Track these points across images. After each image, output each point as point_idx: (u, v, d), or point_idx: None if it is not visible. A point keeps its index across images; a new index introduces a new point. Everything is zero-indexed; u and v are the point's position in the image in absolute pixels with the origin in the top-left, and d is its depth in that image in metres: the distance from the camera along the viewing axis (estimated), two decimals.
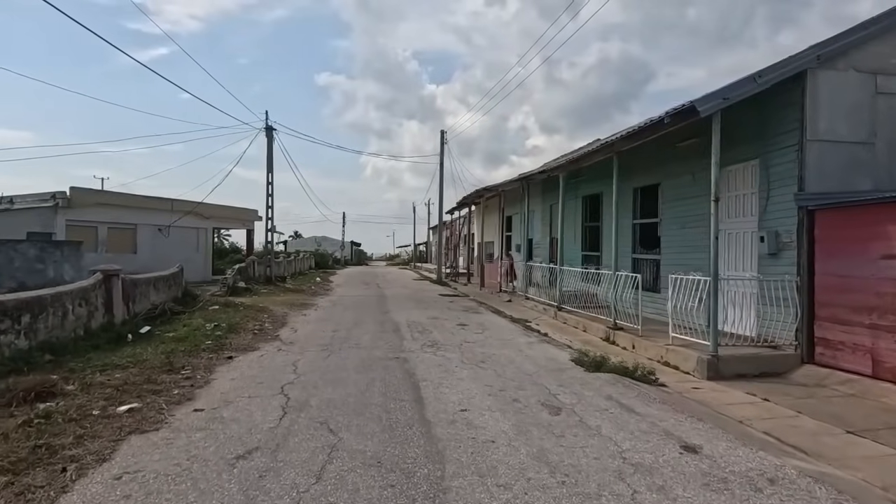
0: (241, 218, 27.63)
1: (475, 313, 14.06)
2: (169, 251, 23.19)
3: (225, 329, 10.08)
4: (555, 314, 13.72)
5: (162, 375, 6.64)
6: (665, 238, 11.89)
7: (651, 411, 5.39)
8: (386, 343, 9.12)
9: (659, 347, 8.90)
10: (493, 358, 7.94)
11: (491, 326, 11.52)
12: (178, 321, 10.81)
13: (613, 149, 10.63)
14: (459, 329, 10.95)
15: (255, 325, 10.94)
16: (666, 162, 11.78)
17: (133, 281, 10.53)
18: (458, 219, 36.43)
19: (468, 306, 15.79)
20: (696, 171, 10.71)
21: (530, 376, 6.82)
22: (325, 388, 6.07)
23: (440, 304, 16.42)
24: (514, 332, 10.77)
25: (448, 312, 14.02)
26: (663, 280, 11.86)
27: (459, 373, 6.92)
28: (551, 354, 8.40)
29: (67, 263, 14.02)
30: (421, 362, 7.55)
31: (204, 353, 8.08)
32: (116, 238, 21.67)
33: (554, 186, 18.38)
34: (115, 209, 21.33)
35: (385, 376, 6.65)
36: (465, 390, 6.06)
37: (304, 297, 17.65)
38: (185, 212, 22.80)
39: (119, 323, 9.47)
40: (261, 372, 6.96)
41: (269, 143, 20.59)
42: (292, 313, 13.40)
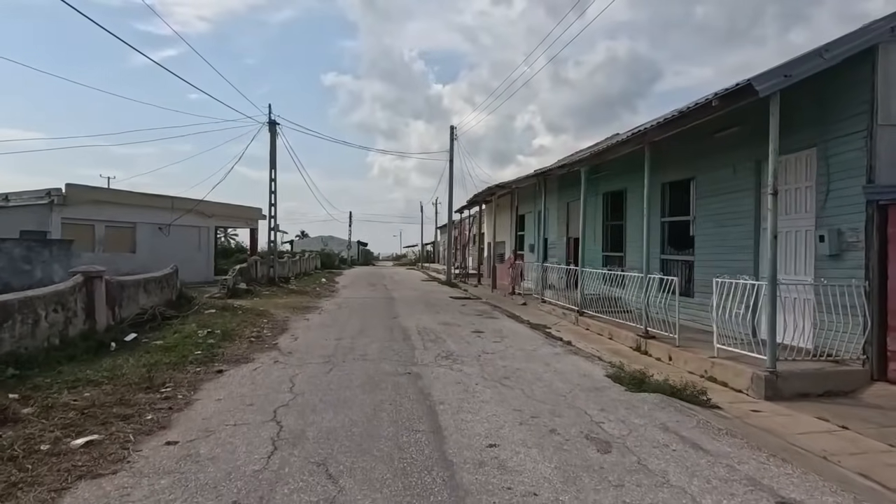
0: (244, 216, 26.82)
1: (490, 318, 13.09)
2: (169, 251, 22.39)
3: (219, 336, 9.18)
4: (576, 319, 12.74)
5: (138, 394, 5.74)
6: (700, 237, 10.87)
7: (722, 448, 4.41)
8: (395, 354, 8.18)
9: (701, 360, 7.91)
10: (518, 373, 6.98)
11: (510, 334, 10.55)
12: (169, 327, 9.94)
13: (646, 139, 9.63)
14: (475, 337, 9.99)
15: (252, 332, 10.04)
16: (700, 154, 10.76)
17: (120, 283, 9.66)
18: (467, 218, 35.47)
19: (482, 310, 14.83)
20: (737, 162, 9.71)
21: (564, 398, 5.85)
22: (326, 413, 5.14)
23: (452, 307, 15.47)
24: (535, 341, 9.79)
25: (461, 317, 13.06)
26: (697, 283, 10.85)
27: (482, 393, 5.96)
28: (583, 369, 7.42)
29: (57, 263, 13.20)
30: (436, 379, 6.60)
31: (191, 365, 7.18)
32: (114, 237, 20.90)
33: (571, 183, 17.38)
34: (114, 207, 20.55)
35: (396, 398, 5.71)
36: (491, 417, 5.10)
37: (308, 300, 16.76)
38: (185, 210, 22.00)
39: (102, 330, 8.59)
40: (252, 390, 6.04)
41: (272, 137, 19.74)
42: (294, 318, 12.49)
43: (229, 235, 56.59)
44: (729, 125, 9.53)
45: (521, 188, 19.97)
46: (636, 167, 13.61)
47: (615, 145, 10.81)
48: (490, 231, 26.97)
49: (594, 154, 11.91)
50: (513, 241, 25.00)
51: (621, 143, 10.47)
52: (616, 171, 14.30)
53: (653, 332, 9.61)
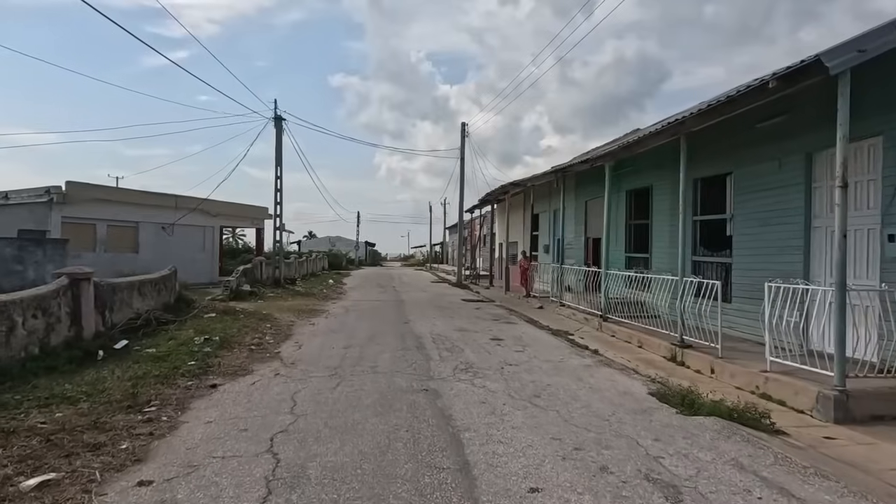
0: (250, 216, 26.18)
1: (508, 323, 12.28)
2: (173, 251, 21.80)
3: (216, 344, 8.44)
4: (599, 325, 11.90)
5: (117, 415, 5.00)
6: (739, 237, 9.99)
7: (818, 495, 3.57)
8: (409, 365, 7.39)
9: (751, 374, 7.05)
10: (549, 390, 6.16)
11: (531, 342, 9.73)
12: (164, 333, 9.22)
13: (682, 129, 8.77)
14: (495, 346, 9.18)
15: (253, 339, 9.29)
16: (739, 147, 9.89)
17: (111, 286, 8.96)
18: (477, 218, 34.64)
19: (497, 314, 14.01)
20: (784, 155, 8.82)
21: (608, 422, 5.03)
22: (331, 443, 4.35)
23: (465, 311, 14.67)
24: (561, 350, 8.97)
25: (477, 322, 12.26)
26: (735, 287, 9.95)
27: (511, 416, 5.15)
28: (621, 384, 6.59)
29: (51, 264, 12.55)
30: (457, 397, 5.80)
31: (183, 378, 6.43)
32: (117, 237, 20.31)
33: (590, 180, 16.51)
34: (116, 206, 19.95)
35: (412, 422, 4.91)
36: (527, 448, 4.29)
37: (315, 303, 16.03)
38: (189, 209, 21.37)
39: (89, 337, 7.88)
40: (248, 410, 5.27)
41: (277, 133, 19.06)
42: (299, 322, 11.75)
43: (237, 235, 56.15)
44: (774, 114, 8.67)
45: (536, 186, 19.14)
46: (664, 162, 12.77)
47: (646, 137, 9.96)
48: (503, 231, 26.14)
49: (622, 147, 11.06)
50: (526, 242, 24.16)
51: (654, 134, 9.62)
52: (641, 166, 13.43)
53: (689, 340, 8.77)
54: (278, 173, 19.09)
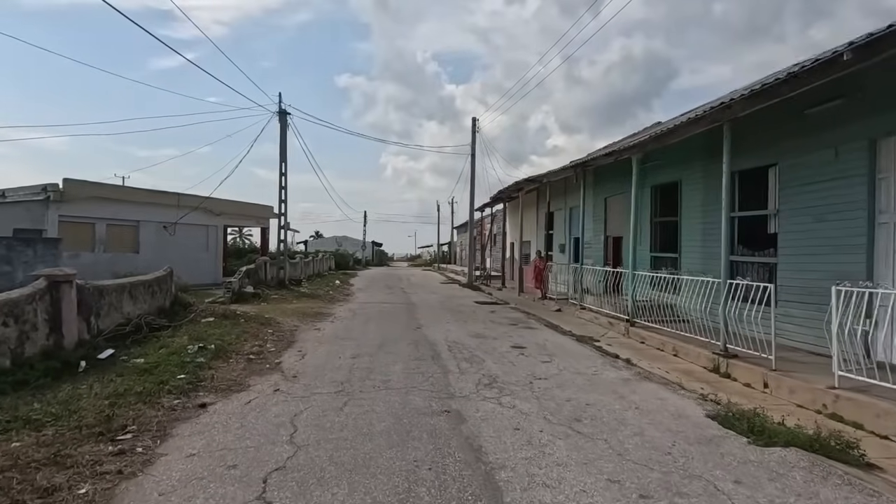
0: (254, 215, 25.44)
1: (527, 329, 11.41)
2: (175, 251, 21.11)
3: (211, 353, 7.65)
4: (626, 330, 11.02)
5: (84, 445, 4.21)
6: (785, 235, 9.08)
7: None
8: (425, 379, 6.55)
9: (815, 390, 6.17)
10: (590, 412, 5.30)
11: (557, 350, 8.86)
12: (156, 340, 8.44)
13: (730, 113, 7.87)
14: (518, 355, 8.32)
15: (252, 347, 8.50)
16: (785, 135, 8.99)
17: (98, 289, 8.19)
18: (487, 217, 33.76)
19: (515, 318, 13.15)
20: (842, 143, 7.91)
21: (671, 456, 4.17)
22: (338, 487, 3.53)
23: (480, 315, 13.82)
24: (591, 360, 8.10)
25: (494, 327, 11.40)
26: (781, 290, 9.01)
27: (553, 447, 4.31)
28: (671, 404, 5.72)
29: (42, 264, 11.83)
30: (485, 421, 4.95)
31: (169, 395, 5.63)
32: (116, 236, 19.62)
33: (611, 175, 15.61)
34: (115, 204, 19.26)
35: (436, 456, 4.07)
36: (580, 496, 3.44)
37: (320, 305, 15.23)
38: (191, 207, 20.66)
39: (71, 346, 7.11)
40: (239, 439, 4.46)
41: (282, 128, 18.28)
42: (303, 327, 10.94)
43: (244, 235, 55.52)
44: (827, 98, 7.78)
45: (551, 183, 18.25)
46: (694, 154, 11.86)
47: (684, 125, 9.05)
48: (515, 230, 25.27)
49: (653, 138, 10.15)
50: (540, 241, 23.26)
51: (692, 121, 8.71)
52: (668, 160, 12.54)
53: (733, 349, 7.89)
54: (283, 170, 18.33)
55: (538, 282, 17.49)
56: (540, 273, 17.47)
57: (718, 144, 10.57)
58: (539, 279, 17.48)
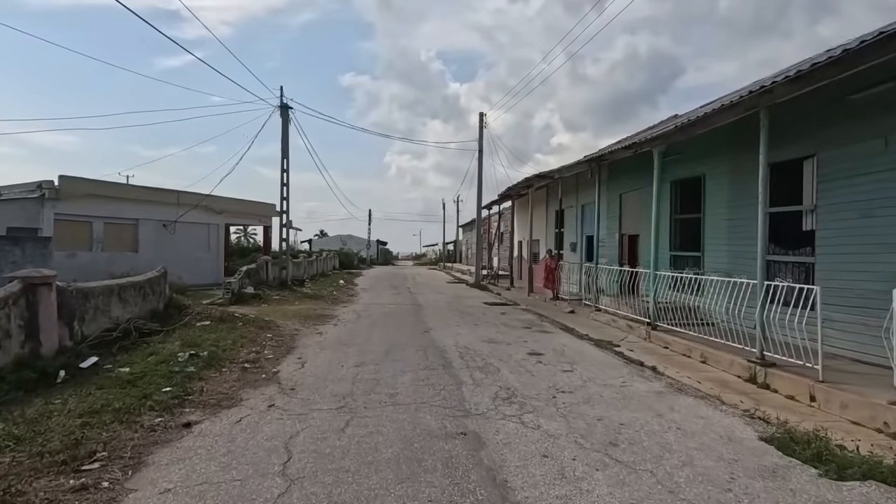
0: (256, 213, 24.87)
1: (542, 332, 10.75)
2: (175, 250, 20.60)
3: (203, 361, 7.04)
4: (647, 334, 10.34)
5: (42, 478, 3.62)
6: (825, 233, 8.37)
7: None
8: (436, 392, 5.91)
9: (874, 406, 5.48)
10: (626, 434, 4.64)
11: (577, 357, 8.20)
12: (146, 346, 7.85)
13: (770, 98, 7.16)
14: (536, 363, 7.66)
15: (249, 353, 7.89)
16: (825, 123, 8.29)
17: (83, 291, 7.59)
18: (494, 215, 33.08)
19: (527, 321, 12.49)
20: (892, 132, 7.20)
21: (732, 494, 3.51)
22: None
23: (490, 317, 13.16)
24: (616, 369, 7.43)
25: (506, 331, 10.74)
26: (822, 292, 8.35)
27: (590, 482, 3.65)
28: (717, 424, 5.04)
29: (31, 264, 11.30)
30: (507, 446, 4.30)
31: (150, 413, 5.02)
32: (114, 235, 19.08)
33: (626, 171, 14.91)
34: (113, 202, 18.72)
35: (454, 494, 3.43)
36: None
37: (323, 307, 14.62)
38: (192, 205, 20.10)
39: (50, 354, 6.52)
40: (224, 469, 3.83)
41: (283, 122, 17.67)
42: (304, 331, 10.33)
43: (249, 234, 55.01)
44: (874, 82, 7.09)
45: (562, 180, 17.55)
46: (719, 147, 11.16)
47: (715, 113, 8.33)
48: (524, 228, 24.60)
49: (678, 128, 9.45)
50: (549, 240, 22.57)
51: (724, 109, 8.00)
52: (690, 154, 11.83)
53: (770, 357, 7.20)
54: (285, 166, 17.71)
55: (550, 282, 16.82)
56: (552, 273, 16.79)
57: (748, 135, 9.89)
58: (551, 279, 16.81)
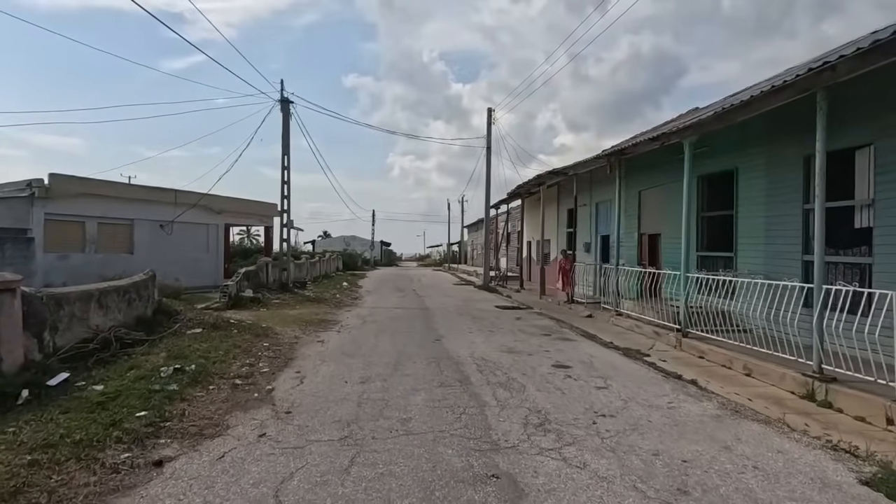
0: (258, 213, 24.07)
1: (563, 340, 9.88)
2: (172, 251, 19.85)
3: (188, 377, 6.22)
4: (677, 342, 9.47)
5: None
6: (884, 230, 7.49)
7: None
8: (456, 417, 5.05)
9: None
10: (694, 475, 3.78)
11: (608, 370, 7.33)
12: (127, 358, 7.02)
13: (831, 76, 6.27)
14: (564, 377, 6.80)
15: (241, 367, 7.05)
16: (887, 108, 7.40)
17: (56, 298, 6.78)
18: (501, 214, 32.22)
19: (545, 327, 11.62)
20: None
21: None
22: None
23: (505, 322, 12.30)
24: (655, 384, 6.56)
25: (525, 339, 9.88)
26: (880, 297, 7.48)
27: None
28: (798, 459, 4.17)
29: (12, 266, 10.52)
30: (551, 496, 3.44)
31: (117, 445, 4.20)
32: (109, 235, 18.32)
33: (646, 166, 14.04)
34: (107, 201, 17.95)
35: None
36: None
37: (326, 311, 13.80)
38: (189, 204, 19.32)
39: (13, 370, 5.70)
40: None
41: (284, 118, 16.86)
42: (305, 339, 9.50)
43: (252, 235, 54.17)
44: None
45: (575, 177, 16.66)
46: (754, 138, 10.26)
47: (762, 96, 7.43)
48: (535, 228, 23.74)
49: (718, 114, 8.55)
50: (561, 240, 21.71)
51: (774, 91, 7.11)
52: (720, 146, 10.95)
53: (829, 370, 6.33)
54: (285, 163, 16.89)
55: (564, 284, 15.95)
56: (566, 274, 15.93)
57: (788, 124, 9.02)
58: (565, 281, 15.94)
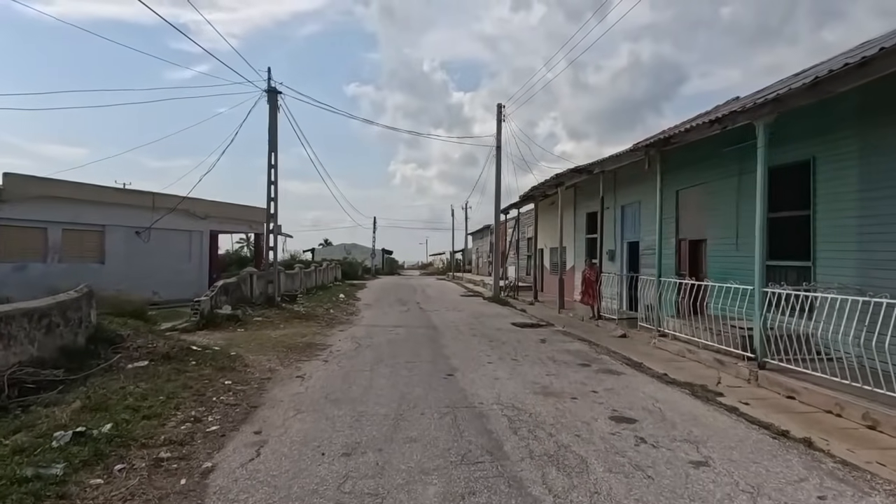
0: (247, 219, 22.12)
1: (607, 371, 7.84)
2: (149, 260, 17.93)
3: (91, 449, 4.22)
4: (752, 376, 7.45)
5: None
6: None
7: None
8: None
9: None
10: None
11: (688, 423, 5.30)
12: (21, 413, 5.04)
13: None
14: (635, 443, 4.74)
15: (179, 425, 5.03)
16: None
17: None
18: (509, 220, 30.24)
19: (578, 352, 9.59)
20: None
21: None
22: None
23: (528, 345, 10.26)
24: (769, 452, 4.54)
25: (559, 370, 7.84)
26: None
27: None
28: None
29: None
30: None
31: None
32: (75, 243, 16.39)
33: (684, 162, 12.05)
34: (74, 205, 16.05)
35: None
36: None
37: (315, 330, 11.78)
38: (168, 209, 17.38)
39: None
40: None
41: (271, 109, 14.92)
42: (281, 373, 7.49)
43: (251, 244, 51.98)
44: None
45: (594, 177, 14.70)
46: (839, 120, 8.30)
47: (885, 54, 5.45)
48: (552, 234, 21.77)
49: (808, 86, 6.54)
50: (579, 247, 19.73)
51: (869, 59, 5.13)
52: (789, 132, 8.97)
53: None
54: (272, 160, 14.94)
55: (590, 297, 13.94)
56: (592, 286, 13.91)
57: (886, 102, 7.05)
58: (591, 294, 13.92)
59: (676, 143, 10.37)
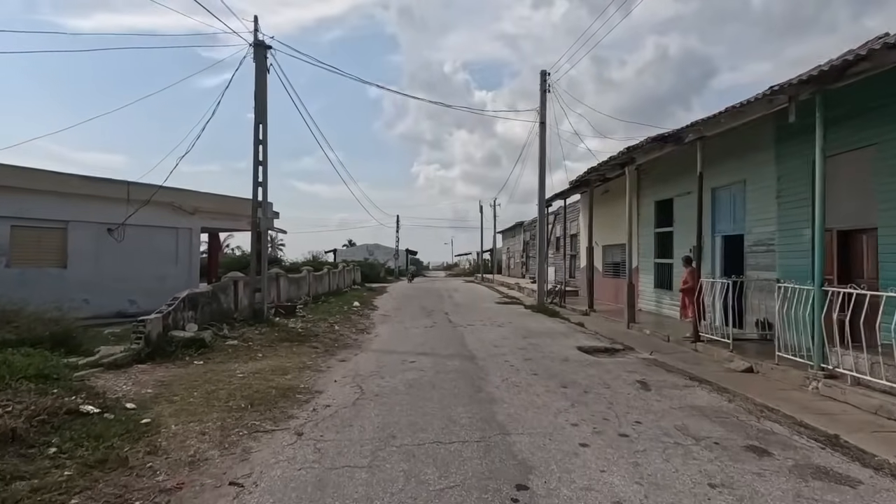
0: (242, 214, 18.95)
1: (814, 473, 4.17)
2: (125, 263, 14.91)
3: None
4: None
5: None
6: None
7: None
8: None
9: None
10: None
11: None
12: None
13: None
14: None
15: None
16: None
17: None
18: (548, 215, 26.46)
19: (715, 411, 5.87)
20: None
21: None
22: None
23: (624, 394, 6.61)
24: None
25: (724, 469, 4.21)
26: None
27: None
28: None
29: None
30: None
31: None
32: (30, 243, 13.45)
33: (850, 112, 8.32)
34: (27, 196, 13.11)
35: None
36: None
37: (305, 362, 8.36)
38: (143, 201, 14.30)
39: None
40: None
41: (258, 68, 11.54)
42: (208, 468, 4.07)
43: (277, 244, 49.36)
44: None
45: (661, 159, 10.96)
46: None
47: None
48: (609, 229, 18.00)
49: None
50: (647, 245, 15.95)
51: None
52: None
53: None
54: (259, 135, 11.60)
55: (689, 309, 10.24)
56: (690, 294, 10.20)
57: None
58: (688, 302, 10.23)
59: (860, 72, 6.52)
